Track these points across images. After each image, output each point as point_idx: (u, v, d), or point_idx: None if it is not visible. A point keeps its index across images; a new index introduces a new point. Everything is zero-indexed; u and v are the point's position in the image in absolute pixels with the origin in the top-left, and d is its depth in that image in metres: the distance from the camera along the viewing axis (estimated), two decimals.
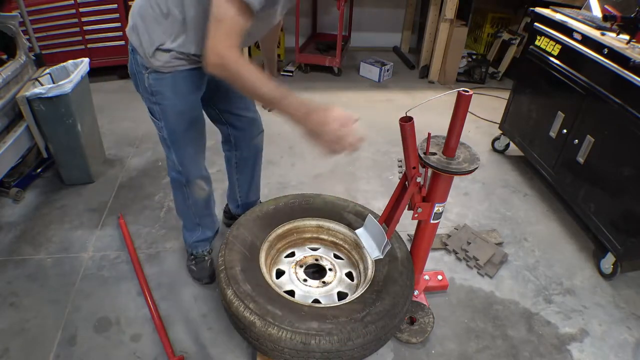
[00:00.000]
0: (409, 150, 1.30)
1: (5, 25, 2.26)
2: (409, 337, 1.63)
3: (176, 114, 1.44)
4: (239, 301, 1.29)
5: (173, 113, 1.44)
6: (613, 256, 1.96)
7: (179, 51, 1.31)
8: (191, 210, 1.74)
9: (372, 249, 1.45)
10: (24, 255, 1.97)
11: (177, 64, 1.34)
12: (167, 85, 1.38)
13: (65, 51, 3.46)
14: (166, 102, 1.41)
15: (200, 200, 1.70)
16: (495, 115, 3.16)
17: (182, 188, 1.66)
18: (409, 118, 1.25)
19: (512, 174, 2.80)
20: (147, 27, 1.29)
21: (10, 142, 2.07)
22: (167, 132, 1.48)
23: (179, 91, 1.40)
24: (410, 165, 1.33)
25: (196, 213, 1.76)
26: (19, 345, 1.58)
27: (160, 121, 1.47)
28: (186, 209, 1.74)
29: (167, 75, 1.36)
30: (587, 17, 2.29)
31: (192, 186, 1.64)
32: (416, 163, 1.33)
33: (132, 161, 2.70)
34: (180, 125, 1.47)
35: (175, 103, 1.42)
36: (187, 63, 1.35)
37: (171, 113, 1.44)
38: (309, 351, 1.21)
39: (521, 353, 1.67)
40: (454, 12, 3.78)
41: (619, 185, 1.94)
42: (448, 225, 2.30)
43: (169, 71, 1.35)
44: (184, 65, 1.36)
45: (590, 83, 2.11)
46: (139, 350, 1.59)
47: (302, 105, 1.10)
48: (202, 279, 1.86)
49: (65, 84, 2.11)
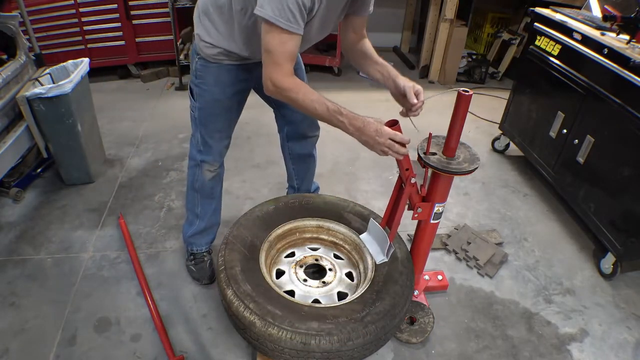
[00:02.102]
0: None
1: (5, 25, 2.26)
2: (409, 337, 1.63)
3: (212, 101, 1.55)
4: (239, 301, 1.29)
5: (209, 99, 1.55)
6: (613, 256, 1.96)
7: (227, 50, 1.43)
8: (197, 194, 1.78)
9: (377, 253, 1.47)
10: (24, 255, 1.97)
11: (223, 58, 1.47)
12: (210, 74, 1.50)
13: (65, 51, 3.47)
14: (205, 88, 1.53)
15: (207, 182, 1.74)
16: (495, 115, 3.16)
17: (195, 168, 1.73)
18: (394, 122, 1.27)
19: (512, 174, 2.80)
20: (207, 19, 1.42)
21: (10, 142, 2.07)
22: (199, 113, 1.59)
23: (220, 81, 1.51)
24: (403, 167, 1.34)
25: (200, 198, 1.79)
26: (19, 345, 1.58)
27: (195, 101, 1.58)
28: (193, 192, 1.79)
29: (213, 65, 1.49)
30: (587, 17, 2.29)
31: (203, 166, 1.71)
32: (409, 165, 1.34)
33: (132, 161, 2.70)
34: (212, 110, 1.57)
35: (213, 91, 1.53)
36: (233, 59, 1.48)
37: (208, 98, 1.55)
38: (309, 351, 1.21)
39: (521, 353, 1.67)
40: (454, 12, 3.78)
41: (619, 185, 1.94)
42: (448, 225, 2.30)
43: (215, 61, 1.48)
44: (230, 60, 1.48)
45: (590, 83, 2.11)
46: (139, 350, 1.59)
47: (355, 120, 1.23)
48: (201, 279, 1.86)
49: (65, 84, 2.11)
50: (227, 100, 1.56)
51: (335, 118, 1.23)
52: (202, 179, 1.74)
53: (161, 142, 2.91)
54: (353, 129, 1.23)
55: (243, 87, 1.59)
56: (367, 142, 1.24)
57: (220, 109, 1.57)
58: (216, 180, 1.78)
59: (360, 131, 1.22)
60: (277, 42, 1.19)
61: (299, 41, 1.23)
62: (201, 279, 1.86)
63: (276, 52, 1.20)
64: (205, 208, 1.82)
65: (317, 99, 1.23)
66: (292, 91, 1.22)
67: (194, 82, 1.55)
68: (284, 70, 1.22)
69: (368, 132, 1.22)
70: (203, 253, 1.89)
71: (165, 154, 2.78)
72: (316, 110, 1.23)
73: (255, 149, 2.89)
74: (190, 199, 1.83)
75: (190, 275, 1.89)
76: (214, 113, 1.58)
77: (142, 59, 3.86)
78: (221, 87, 1.52)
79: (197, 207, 1.81)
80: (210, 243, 1.92)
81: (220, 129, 1.64)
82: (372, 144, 1.23)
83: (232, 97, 1.57)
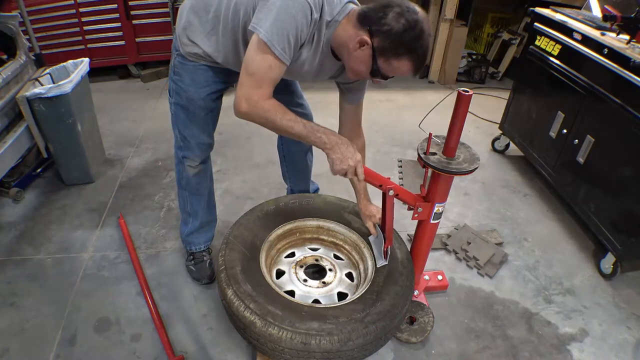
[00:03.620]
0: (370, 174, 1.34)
1: (5, 25, 2.26)
2: (408, 337, 1.63)
3: (186, 99, 1.54)
4: (239, 301, 1.29)
5: (184, 96, 1.54)
6: (613, 256, 1.96)
7: (205, 51, 1.42)
8: (185, 191, 1.78)
9: (378, 257, 1.53)
10: (24, 255, 1.97)
11: (200, 58, 1.46)
12: (187, 71, 1.50)
13: (65, 51, 3.47)
14: (181, 85, 1.52)
15: (192, 178, 1.73)
16: (495, 115, 3.16)
17: (179, 165, 1.73)
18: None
19: (512, 174, 2.80)
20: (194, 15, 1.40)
21: (10, 142, 2.07)
22: (174, 109, 1.59)
23: (195, 81, 1.50)
24: (377, 184, 1.37)
25: (188, 196, 1.78)
26: (19, 345, 1.58)
27: (171, 97, 1.58)
28: (182, 190, 1.79)
29: (190, 63, 1.48)
30: (587, 17, 2.29)
31: (185, 162, 1.70)
32: (382, 181, 1.36)
33: (132, 161, 2.70)
34: (187, 108, 1.56)
35: (188, 89, 1.52)
36: (209, 61, 1.46)
37: (183, 96, 1.54)
38: (309, 351, 1.21)
39: (521, 353, 1.67)
40: (454, 12, 3.78)
41: (619, 185, 1.94)
42: (448, 225, 2.30)
43: (192, 60, 1.47)
44: (206, 61, 1.47)
45: (590, 83, 2.11)
46: (139, 350, 1.59)
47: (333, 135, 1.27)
48: (201, 279, 1.86)
49: (65, 84, 2.11)
50: (200, 100, 1.54)
51: (313, 135, 1.25)
52: (186, 175, 1.73)
53: (161, 142, 2.91)
54: (330, 143, 1.25)
55: (219, 89, 1.56)
56: (338, 158, 1.26)
57: (195, 107, 1.56)
58: (201, 176, 1.75)
59: (337, 145, 1.25)
60: (266, 65, 1.18)
61: (283, 71, 1.22)
62: (201, 278, 1.86)
63: (261, 75, 1.19)
64: (195, 205, 1.81)
65: (293, 118, 1.24)
66: (270, 112, 1.22)
67: (172, 77, 1.55)
68: (265, 94, 1.21)
69: (343, 152, 1.25)
70: (202, 252, 1.89)
71: (165, 154, 2.78)
72: (293, 129, 1.24)
73: (255, 149, 2.89)
74: (180, 198, 1.83)
75: (190, 275, 1.89)
76: (188, 111, 1.57)
77: (142, 59, 3.86)
78: (195, 87, 1.51)
79: (187, 205, 1.81)
80: (208, 241, 1.92)
81: (196, 126, 1.61)
82: (342, 160, 1.26)
83: (206, 97, 1.54)
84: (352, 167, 1.27)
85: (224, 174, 2.61)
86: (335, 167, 1.26)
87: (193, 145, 1.64)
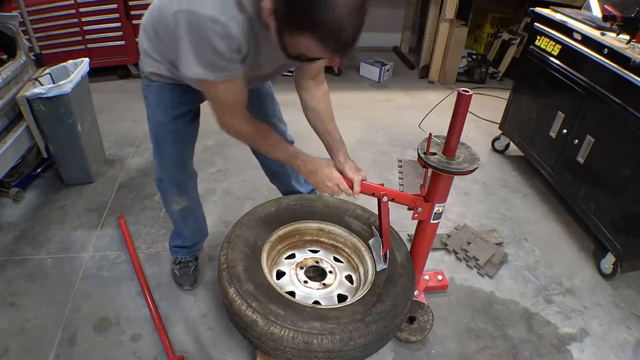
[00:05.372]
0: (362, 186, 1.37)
1: (5, 25, 2.25)
2: (408, 336, 1.63)
3: (156, 123, 1.47)
4: (241, 299, 1.29)
5: (154, 120, 1.47)
6: (613, 256, 1.96)
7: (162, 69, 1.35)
8: (172, 217, 1.75)
9: (378, 261, 1.54)
10: (24, 255, 1.97)
11: (163, 76, 1.37)
12: (152, 93, 1.42)
13: (65, 51, 3.46)
14: (149, 109, 1.47)
15: (176, 212, 1.68)
16: (495, 115, 3.16)
17: (163, 195, 1.67)
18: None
19: (512, 174, 2.80)
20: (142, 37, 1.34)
21: (10, 142, 2.07)
22: (150, 134, 1.52)
23: (161, 102, 1.42)
24: (370, 193, 1.39)
25: (176, 221, 1.75)
26: (19, 345, 1.58)
27: (148, 121, 1.51)
28: (169, 214, 1.75)
29: (154, 83, 1.40)
30: (587, 17, 2.30)
31: (167, 196, 1.64)
32: (374, 190, 1.38)
33: (132, 161, 2.70)
34: (159, 133, 1.49)
35: (156, 112, 1.45)
36: (171, 80, 1.38)
37: (152, 119, 1.48)
38: (310, 350, 1.21)
39: (521, 353, 1.67)
40: (454, 12, 3.78)
41: (619, 185, 1.95)
42: (448, 225, 2.30)
43: (155, 80, 1.39)
44: (168, 80, 1.38)
45: (590, 83, 2.11)
46: (139, 350, 1.59)
47: (310, 164, 1.32)
48: (183, 285, 1.83)
49: (65, 84, 2.11)
50: (169, 124, 1.43)
51: (292, 161, 1.31)
52: (170, 209, 1.67)
53: None
54: (307, 171, 1.32)
55: (187, 110, 1.45)
56: (317, 183, 1.33)
57: (164, 132, 1.45)
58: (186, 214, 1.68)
59: (314, 174, 1.32)
60: (222, 92, 1.15)
61: (240, 80, 1.16)
62: (183, 284, 1.83)
63: (226, 103, 1.18)
64: (184, 231, 1.77)
65: (275, 143, 1.29)
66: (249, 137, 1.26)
67: (145, 102, 1.47)
68: (236, 116, 1.22)
69: (320, 177, 1.32)
70: (188, 261, 1.87)
71: None
72: (273, 155, 1.29)
73: None
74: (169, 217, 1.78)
75: (174, 279, 1.86)
76: (160, 137, 1.48)
77: None
78: (162, 108, 1.42)
79: (175, 225, 1.77)
80: (196, 251, 1.89)
81: (167, 158, 1.52)
82: (321, 186, 1.34)
83: (175, 120, 1.43)
84: (335, 186, 1.32)
85: (224, 174, 2.61)
86: (319, 190, 1.35)
87: (172, 182, 1.57)
